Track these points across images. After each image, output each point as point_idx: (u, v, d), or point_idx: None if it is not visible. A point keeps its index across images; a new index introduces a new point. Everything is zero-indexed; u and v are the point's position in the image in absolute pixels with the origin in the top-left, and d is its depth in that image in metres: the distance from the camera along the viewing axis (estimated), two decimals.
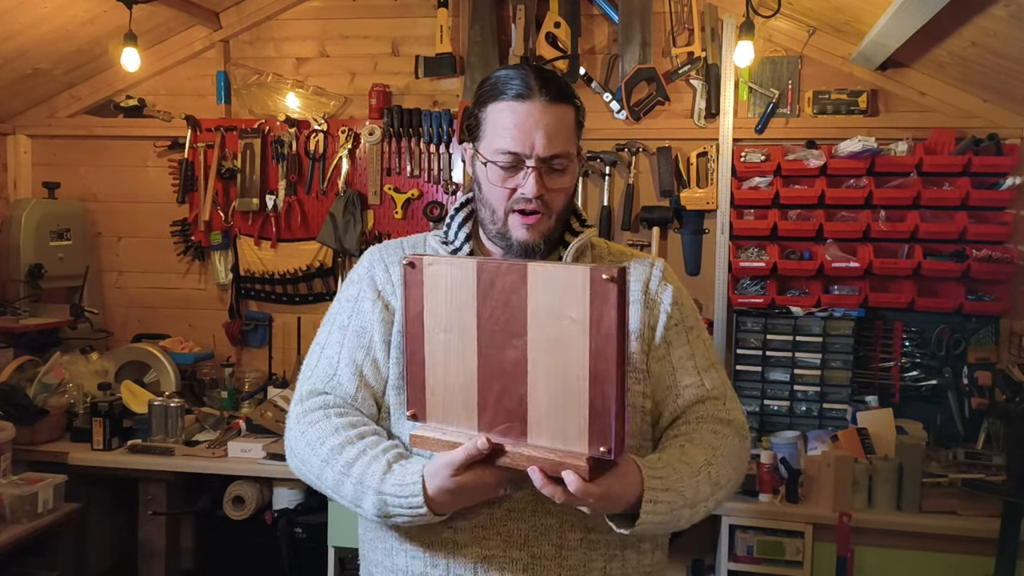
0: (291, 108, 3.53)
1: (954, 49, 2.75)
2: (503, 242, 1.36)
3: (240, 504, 2.98)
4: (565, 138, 1.31)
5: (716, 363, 1.44)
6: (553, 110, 1.30)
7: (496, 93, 1.32)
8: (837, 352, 3.09)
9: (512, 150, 1.29)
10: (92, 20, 3.18)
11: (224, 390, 3.33)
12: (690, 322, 1.43)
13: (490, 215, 1.36)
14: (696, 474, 1.27)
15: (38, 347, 3.37)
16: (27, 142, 3.76)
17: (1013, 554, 2.39)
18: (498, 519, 1.25)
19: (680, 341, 1.40)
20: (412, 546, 1.30)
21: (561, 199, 1.34)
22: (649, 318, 1.39)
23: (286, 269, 3.56)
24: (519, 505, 1.25)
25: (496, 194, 1.33)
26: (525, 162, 1.29)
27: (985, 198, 2.99)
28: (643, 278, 1.41)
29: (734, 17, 3.18)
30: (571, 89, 1.36)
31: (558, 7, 3.28)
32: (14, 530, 2.57)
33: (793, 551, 2.59)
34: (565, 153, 1.31)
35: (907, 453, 2.63)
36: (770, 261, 3.11)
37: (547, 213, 1.33)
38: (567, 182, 1.34)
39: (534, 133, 1.28)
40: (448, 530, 1.26)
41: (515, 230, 1.33)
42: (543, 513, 1.25)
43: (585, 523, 1.26)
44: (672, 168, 3.29)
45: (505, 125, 1.30)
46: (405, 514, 1.22)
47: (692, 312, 1.45)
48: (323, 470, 1.29)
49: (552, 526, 1.26)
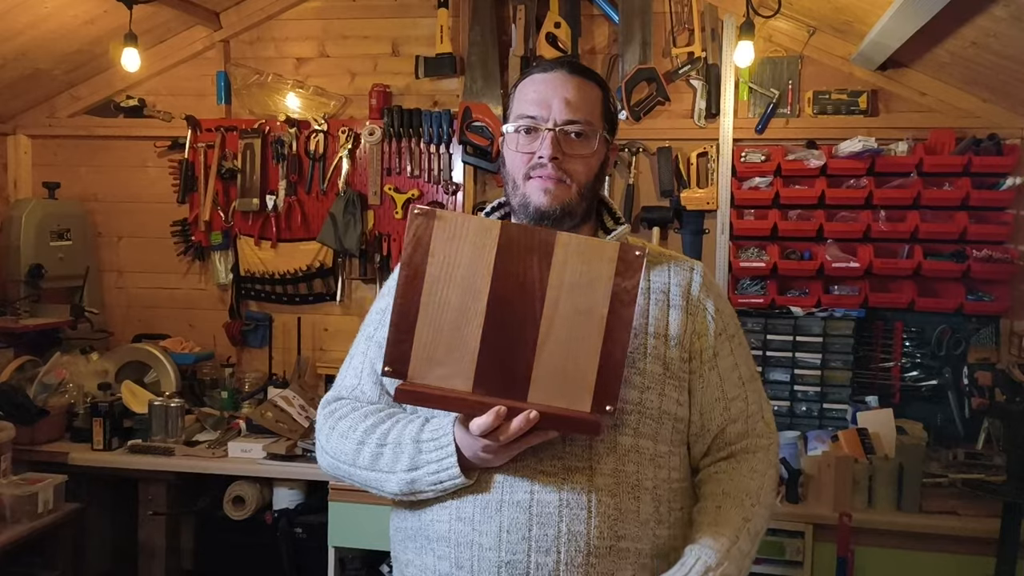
0: (291, 108, 3.53)
1: (954, 49, 2.75)
2: (524, 213, 1.34)
3: (240, 504, 2.98)
4: (586, 109, 1.32)
5: (756, 375, 1.44)
6: (575, 81, 1.33)
7: (525, 75, 1.39)
8: (837, 352, 3.09)
9: (530, 114, 1.32)
10: (92, 20, 3.18)
11: (224, 390, 3.33)
12: (732, 330, 1.41)
13: (512, 186, 1.36)
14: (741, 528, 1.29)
15: (38, 347, 3.36)
16: (27, 142, 3.76)
17: (1013, 554, 2.39)
18: (524, 524, 1.23)
19: (725, 351, 1.38)
20: (439, 546, 1.29)
21: (581, 169, 1.33)
22: (693, 324, 1.35)
23: (286, 269, 3.56)
24: (546, 510, 1.23)
25: (516, 161, 1.34)
26: (543, 126, 1.31)
27: (985, 198, 2.99)
28: (683, 283, 1.38)
29: (734, 17, 3.18)
30: (599, 76, 1.40)
31: (558, 7, 3.28)
32: (14, 530, 2.57)
33: (793, 551, 2.59)
34: (584, 120, 1.32)
35: (907, 453, 2.63)
36: (770, 261, 3.11)
37: (566, 181, 1.31)
38: (586, 150, 1.33)
39: (552, 98, 1.31)
40: (474, 532, 1.25)
41: (533, 195, 1.32)
42: (570, 519, 1.23)
43: (615, 531, 1.24)
44: (672, 168, 3.29)
45: (527, 94, 1.35)
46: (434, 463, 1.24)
47: (733, 320, 1.43)
48: (359, 452, 1.33)
49: (580, 533, 1.23)
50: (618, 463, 1.25)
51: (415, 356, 1.19)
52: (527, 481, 1.24)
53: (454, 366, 1.19)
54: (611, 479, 1.24)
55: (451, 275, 1.19)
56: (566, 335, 1.18)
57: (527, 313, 1.18)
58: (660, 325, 1.33)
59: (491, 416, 1.15)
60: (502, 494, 1.24)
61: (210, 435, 3.11)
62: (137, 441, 3.03)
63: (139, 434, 3.06)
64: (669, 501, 1.30)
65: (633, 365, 1.28)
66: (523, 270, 1.18)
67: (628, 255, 1.17)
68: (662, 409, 1.29)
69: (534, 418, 1.15)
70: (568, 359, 1.18)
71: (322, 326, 3.56)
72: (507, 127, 1.36)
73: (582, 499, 1.23)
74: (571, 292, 1.17)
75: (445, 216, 1.19)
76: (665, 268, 1.38)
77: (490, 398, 1.18)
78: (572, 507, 1.22)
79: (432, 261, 1.19)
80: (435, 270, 1.19)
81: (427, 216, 1.19)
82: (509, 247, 1.18)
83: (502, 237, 1.18)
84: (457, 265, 1.18)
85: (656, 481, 1.28)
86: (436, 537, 1.29)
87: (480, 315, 1.18)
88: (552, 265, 1.17)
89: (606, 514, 1.23)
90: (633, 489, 1.26)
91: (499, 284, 1.18)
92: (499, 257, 1.18)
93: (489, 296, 1.18)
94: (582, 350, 1.18)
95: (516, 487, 1.24)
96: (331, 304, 3.54)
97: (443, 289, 1.19)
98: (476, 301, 1.18)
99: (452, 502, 1.28)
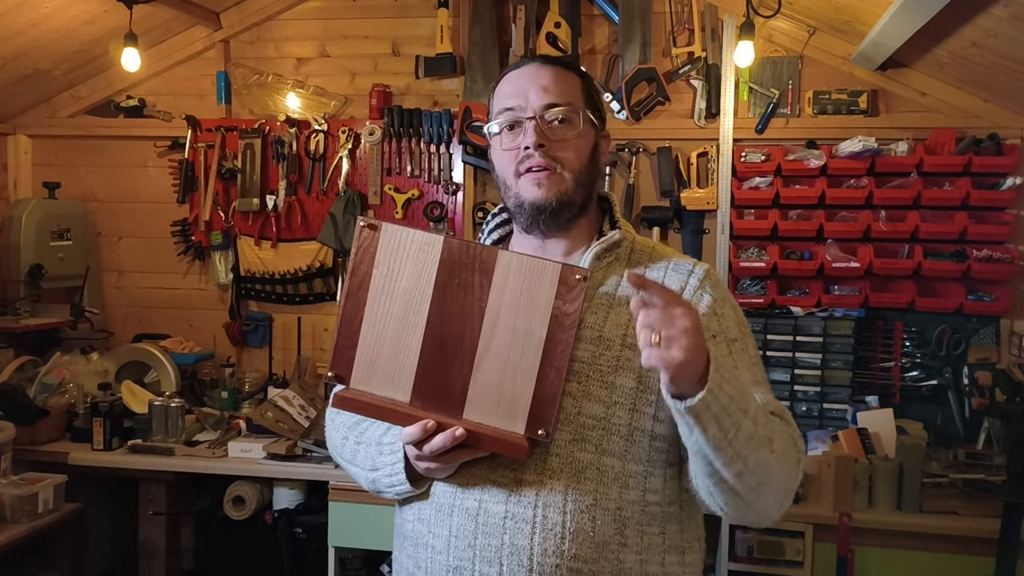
0: (291, 108, 3.53)
1: (954, 49, 2.75)
2: (520, 213, 1.31)
3: (240, 504, 2.98)
4: (565, 91, 1.29)
5: (765, 382, 1.30)
6: (550, 69, 1.31)
7: (500, 76, 1.36)
8: (837, 352, 3.09)
9: (508, 106, 1.30)
10: (92, 20, 3.18)
11: (224, 390, 3.33)
12: (733, 334, 1.29)
13: (504, 188, 1.33)
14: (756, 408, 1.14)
15: (38, 347, 3.37)
16: (27, 142, 3.76)
17: (1013, 554, 2.39)
18: (470, 532, 1.21)
19: (721, 354, 1.23)
20: (407, 544, 1.31)
21: (571, 154, 1.29)
22: None
23: (286, 269, 3.56)
24: (492, 520, 1.20)
25: (504, 160, 1.31)
26: (523, 116, 1.28)
27: (985, 198, 2.99)
28: (677, 288, 1.29)
29: (734, 17, 3.18)
30: (576, 65, 1.37)
31: (558, 7, 3.28)
32: (14, 530, 2.57)
33: (793, 551, 2.59)
34: (564, 103, 1.28)
35: (907, 453, 2.63)
36: (770, 261, 3.11)
37: (557, 169, 1.28)
38: (571, 133, 1.29)
39: (528, 88, 1.29)
40: (429, 534, 1.25)
41: (525, 191, 1.28)
42: (513, 532, 1.19)
43: (561, 549, 1.18)
44: (672, 168, 3.29)
45: (502, 90, 1.33)
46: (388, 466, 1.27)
47: (736, 323, 1.31)
48: (344, 446, 1.38)
49: (523, 547, 1.18)
50: (572, 480, 1.19)
51: (357, 364, 1.21)
52: (477, 489, 1.22)
53: (394, 377, 1.20)
54: (561, 496, 1.19)
55: (394, 288, 1.20)
56: (504, 355, 1.17)
57: (466, 330, 1.18)
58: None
59: (418, 428, 1.17)
60: (453, 499, 1.23)
61: (210, 435, 3.11)
62: (137, 441, 3.03)
63: (139, 434, 3.07)
64: (640, 524, 1.21)
65: (601, 378, 1.22)
66: (463, 287, 1.18)
67: (569, 278, 1.15)
68: (633, 426, 1.21)
69: (460, 436, 1.15)
70: (504, 379, 1.17)
71: (322, 326, 3.56)
72: (489, 128, 1.33)
73: (527, 513, 1.19)
74: (510, 312, 1.17)
75: (390, 229, 1.20)
76: (660, 273, 1.31)
77: (424, 412, 1.18)
78: (516, 520, 1.19)
79: (376, 273, 1.20)
80: (379, 282, 1.20)
81: (372, 228, 1.20)
82: (451, 263, 1.18)
83: (444, 252, 1.18)
84: (400, 278, 1.19)
85: (621, 503, 1.20)
86: (406, 536, 1.32)
87: (420, 329, 1.19)
88: (492, 283, 1.17)
89: (552, 531, 1.18)
90: (589, 509, 1.19)
91: (439, 299, 1.18)
92: (440, 272, 1.18)
93: (429, 311, 1.19)
94: (519, 371, 1.17)
95: (467, 494, 1.22)
96: (331, 304, 3.54)
97: (386, 301, 1.20)
98: (417, 315, 1.19)
99: (417, 503, 1.29)
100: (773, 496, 1.20)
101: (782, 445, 1.18)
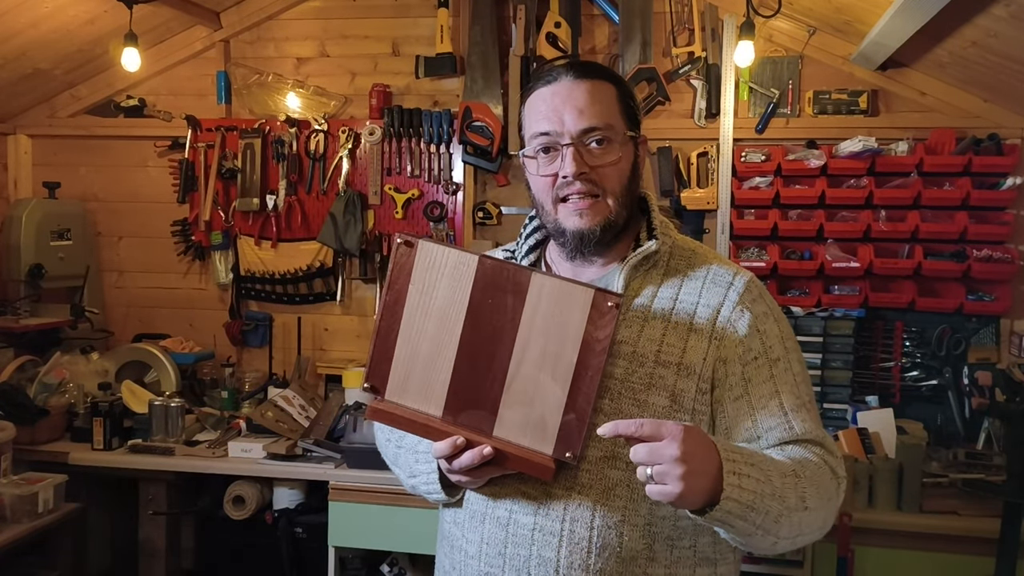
0: (291, 108, 3.53)
1: (954, 49, 2.75)
2: (561, 238, 1.29)
3: (240, 504, 2.98)
4: (601, 111, 1.24)
5: (808, 403, 1.26)
6: (584, 85, 1.25)
7: (529, 90, 1.31)
8: (837, 352, 3.09)
9: (544, 130, 1.25)
10: (92, 20, 3.18)
11: (224, 390, 3.33)
12: (775, 353, 1.25)
13: (542, 211, 1.30)
14: (785, 476, 1.14)
15: (38, 347, 3.36)
16: (27, 142, 3.76)
17: (1013, 554, 2.39)
18: (500, 540, 1.24)
19: (761, 377, 1.23)
20: (444, 544, 1.36)
21: (613, 177, 1.25)
22: (717, 351, 1.23)
23: (286, 269, 3.56)
24: (521, 531, 1.22)
25: (541, 185, 1.28)
26: (560, 142, 1.24)
27: (985, 198, 2.99)
28: (715, 303, 1.25)
29: (734, 17, 3.18)
30: (608, 69, 1.32)
31: (558, 7, 3.28)
32: (14, 530, 2.57)
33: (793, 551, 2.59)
34: (603, 125, 1.24)
35: (907, 453, 2.63)
36: (770, 261, 3.11)
37: (600, 194, 1.25)
38: (612, 157, 1.25)
39: (563, 110, 1.24)
40: (463, 538, 1.29)
41: (566, 220, 1.26)
42: (541, 544, 1.21)
43: (587, 563, 1.19)
44: (672, 168, 3.29)
45: (537, 110, 1.27)
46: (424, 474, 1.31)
47: (778, 340, 1.27)
48: (387, 448, 1.44)
49: (550, 559, 1.20)
50: (602, 497, 1.20)
51: (392, 377, 1.24)
52: (508, 500, 1.24)
53: (427, 392, 1.22)
54: (589, 512, 1.20)
55: (429, 305, 1.21)
56: (534, 376, 1.18)
57: (498, 350, 1.19)
58: (673, 353, 1.22)
59: (447, 445, 1.18)
60: (486, 507, 1.26)
61: (210, 435, 3.11)
62: (137, 441, 3.03)
63: (139, 434, 3.06)
64: (670, 539, 1.21)
65: (633, 396, 1.21)
66: (497, 307, 1.19)
67: (602, 304, 1.14)
68: None
69: (488, 454, 1.17)
70: (535, 400, 1.18)
71: (322, 326, 3.56)
72: (524, 152, 1.29)
73: (555, 526, 1.20)
74: (542, 334, 1.17)
75: (426, 246, 1.21)
76: (699, 283, 1.28)
77: (455, 428, 1.20)
78: (544, 532, 1.21)
79: (412, 289, 1.22)
80: (415, 298, 1.22)
81: (409, 245, 1.22)
82: (484, 283, 1.19)
83: (478, 272, 1.19)
84: (435, 296, 1.21)
85: (651, 518, 1.20)
86: (444, 536, 1.36)
87: (453, 346, 1.21)
88: (525, 305, 1.18)
89: (578, 545, 1.19)
90: (617, 525, 1.19)
91: (473, 318, 1.20)
92: (474, 292, 1.20)
93: (463, 329, 1.20)
94: (549, 393, 1.17)
95: (498, 503, 1.25)
96: (331, 304, 3.54)
97: (421, 317, 1.22)
98: (450, 333, 1.21)
99: (454, 508, 1.33)
100: (812, 536, 1.23)
101: (817, 494, 1.18)
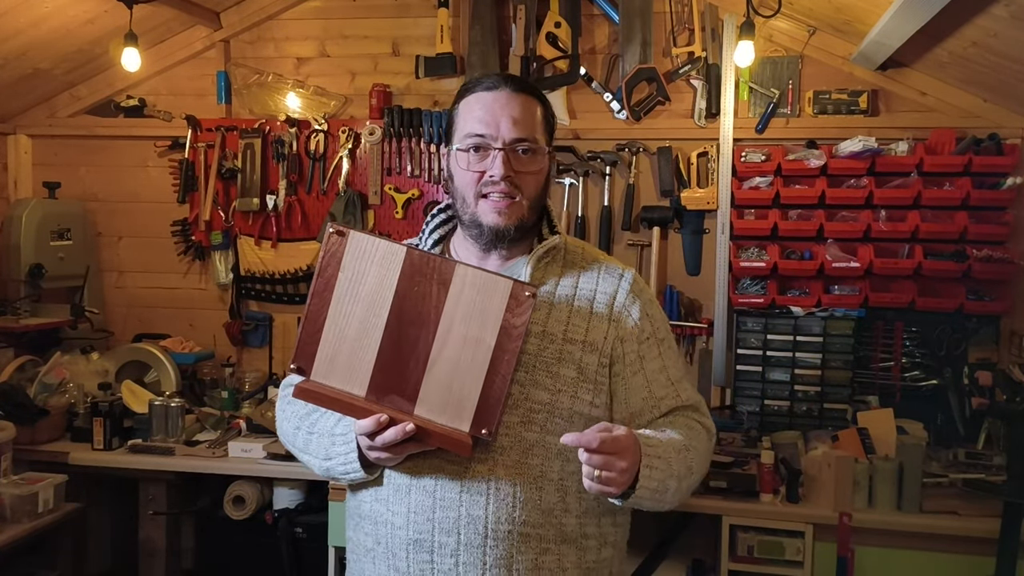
0: (291, 108, 3.53)
1: (954, 49, 2.75)
2: (475, 230, 1.42)
3: (240, 504, 2.98)
4: (531, 126, 1.40)
5: (685, 373, 1.53)
6: (519, 98, 1.41)
7: (467, 90, 1.45)
8: (837, 352, 3.09)
9: (479, 132, 1.38)
10: (92, 20, 3.18)
11: (224, 390, 3.33)
12: (661, 334, 1.49)
13: (461, 203, 1.42)
14: (680, 451, 1.38)
15: (38, 347, 3.36)
16: (27, 142, 3.76)
17: (1013, 554, 2.39)
18: (428, 507, 1.34)
19: (652, 354, 1.46)
20: (365, 523, 1.43)
21: (532, 184, 1.41)
22: (616, 331, 1.43)
23: (286, 269, 3.56)
24: (449, 495, 1.33)
25: (466, 179, 1.40)
26: (493, 145, 1.38)
27: (985, 198, 2.99)
28: (611, 292, 1.46)
29: (734, 17, 3.18)
30: (538, 88, 1.49)
31: (558, 7, 3.28)
32: (14, 530, 2.57)
33: (793, 551, 2.59)
34: (531, 138, 1.40)
35: (907, 453, 2.63)
36: (770, 261, 3.11)
37: (518, 197, 1.39)
38: (535, 167, 1.41)
39: (500, 117, 1.38)
40: (388, 512, 1.38)
41: (485, 215, 1.40)
42: (469, 504, 1.32)
43: (513, 516, 1.32)
44: (672, 168, 3.29)
45: (474, 112, 1.41)
46: (342, 455, 1.37)
47: (663, 323, 1.50)
48: (296, 435, 1.49)
49: (479, 517, 1.32)
50: (522, 456, 1.34)
51: (319, 359, 1.32)
52: (434, 469, 1.35)
53: (352, 373, 1.30)
54: (512, 470, 1.33)
55: (358, 291, 1.29)
56: (455, 359, 1.28)
57: (421, 334, 1.28)
58: (579, 332, 1.40)
59: (371, 421, 1.28)
60: (411, 479, 1.36)
61: (210, 435, 3.11)
62: (137, 441, 3.03)
63: (139, 434, 3.06)
64: (579, 492, 1.35)
65: (547, 369, 1.36)
66: (422, 295, 1.28)
67: (520, 294, 1.26)
68: (573, 410, 1.37)
69: (410, 430, 1.27)
70: (454, 381, 1.28)
71: None
72: (456, 145, 1.42)
73: (481, 487, 1.33)
74: (464, 320, 1.27)
75: (357, 236, 1.29)
76: (594, 275, 1.47)
77: (378, 406, 1.29)
78: (472, 493, 1.33)
79: (342, 276, 1.30)
80: (344, 285, 1.30)
81: (340, 235, 1.29)
82: (412, 272, 1.28)
83: (406, 262, 1.28)
84: (364, 283, 1.29)
85: (563, 474, 1.36)
86: (363, 515, 1.43)
87: (379, 330, 1.29)
88: (449, 293, 1.27)
89: (504, 501, 1.33)
90: (536, 480, 1.34)
91: (399, 305, 1.28)
92: (402, 280, 1.28)
93: (389, 314, 1.28)
94: (468, 375, 1.27)
95: (424, 474, 1.35)
96: None
97: (350, 303, 1.30)
98: (378, 317, 1.29)
99: (373, 486, 1.41)
100: (692, 489, 1.46)
101: (700, 459, 1.43)
